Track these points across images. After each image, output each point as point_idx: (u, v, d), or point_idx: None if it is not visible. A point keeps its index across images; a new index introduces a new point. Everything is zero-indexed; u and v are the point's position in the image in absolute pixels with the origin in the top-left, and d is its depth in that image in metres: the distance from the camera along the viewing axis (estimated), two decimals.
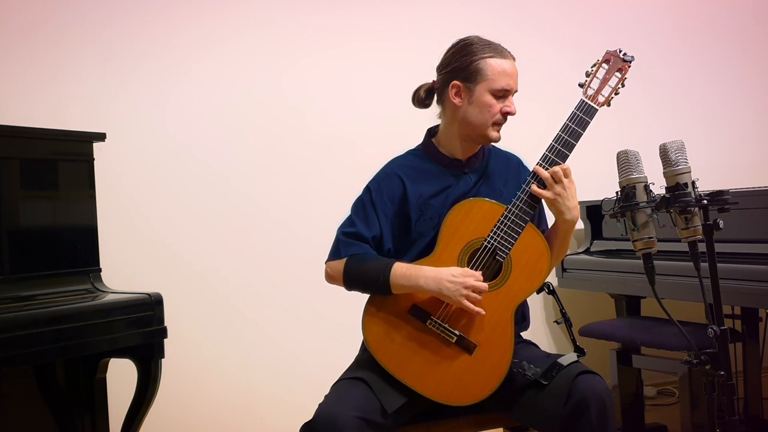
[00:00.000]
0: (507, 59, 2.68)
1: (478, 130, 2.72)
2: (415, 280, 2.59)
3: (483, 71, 2.66)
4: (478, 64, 2.66)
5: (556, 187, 2.60)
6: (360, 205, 2.78)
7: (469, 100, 2.70)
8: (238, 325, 4.23)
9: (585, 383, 2.49)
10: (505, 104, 2.69)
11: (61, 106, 3.85)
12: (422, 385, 2.61)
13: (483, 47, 2.68)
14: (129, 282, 3.35)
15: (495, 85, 2.66)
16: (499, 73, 2.66)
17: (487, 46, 2.69)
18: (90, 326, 2.94)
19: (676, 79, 5.32)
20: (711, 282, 2.26)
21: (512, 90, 2.70)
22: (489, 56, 2.66)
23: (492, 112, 2.68)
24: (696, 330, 2.57)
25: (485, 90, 2.67)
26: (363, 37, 4.53)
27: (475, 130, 2.73)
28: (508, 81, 2.67)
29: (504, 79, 2.66)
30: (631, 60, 2.71)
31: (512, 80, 2.68)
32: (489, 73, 2.66)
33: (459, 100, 2.71)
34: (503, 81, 2.66)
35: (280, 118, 4.34)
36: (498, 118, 2.70)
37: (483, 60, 2.66)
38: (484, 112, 2.69)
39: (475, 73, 2.67)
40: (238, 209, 4.25)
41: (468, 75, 2.68)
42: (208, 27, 4.22)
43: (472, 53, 2.68)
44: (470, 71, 2.68)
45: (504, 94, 2.68)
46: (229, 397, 4.21)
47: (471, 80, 2.68)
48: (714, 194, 2.26)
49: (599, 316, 4.31)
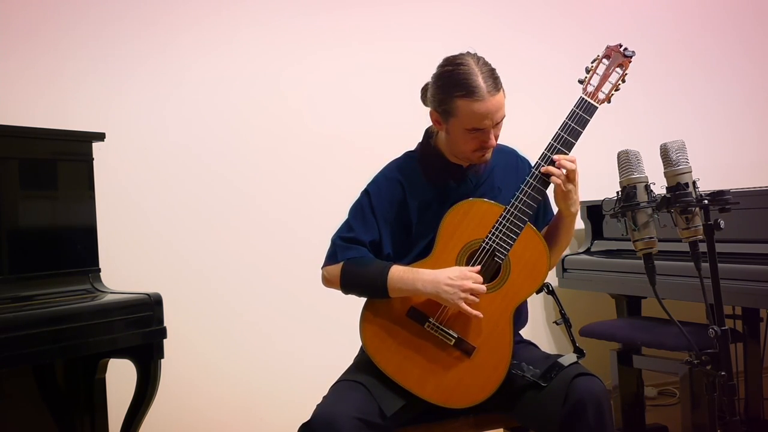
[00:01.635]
0: (479, 101, 2.52)
1: (461, 155, 2.71)
2: (412, 283, 2.58)
3: (454, 111, 2.57)
4: (449, 103, 2.57)
5: (569, 185, 2.58)
6: (359, 209, 2.76)
7: (446, 130, 2.66)
8: (237, 326, 4.24)
9: (582, 385, 2.49)
10: (482, 138, 2.60)
11: (60, 106, 3.85)
12: (421, 388, 2.61)
13: (456, 84, 2.55)
14: (128, 282, 3.35)
15: (466, 125, 2.58)
16: (468, 114, 2.55)
17: (462, 83, 2.54)
18: (89, 326, 2.94)
19: (677, 78, 5.32)
20: (712, 282, 2.27)
21: (487, 128, 2.58)
22: (459, 96, 2.54)
23: (467, 146, 2.64)
24: (697, 330, 2.57)
25: (458, 127, 2.60)
26: (363, 38, 4.54)
27: (460, 154, 2.71)
28: (481, 121, 2.55)
29: (475, 120, 2.55)
30: (632, 55, 2.68)
31: (486, 119, 2.55)
32: (459, 114, 2.57)
33: (439, 126, 2.69)
34: (474, 122, 2.56)
35: (279, 118, 4.34)
36: (477, 150, 2.64)
37: (453, 100, 2.55)
38: (460, 145, 2.66)
39: (448, 111, 2.59)
40: (238, 209, 4.26)
41: (442, 109, 2.62)
42: (208, 28, 4.23)
43: (444, 89, 2.59)
44: (444, 107, 2.60)
45: (479, 130, 2.59)
46: (229, 397, 4.21)
47: (444, 114, 2.62)
48: (715, 194, 2.26)
49: (600, 317, 4.31)
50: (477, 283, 2.56)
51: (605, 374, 4.02)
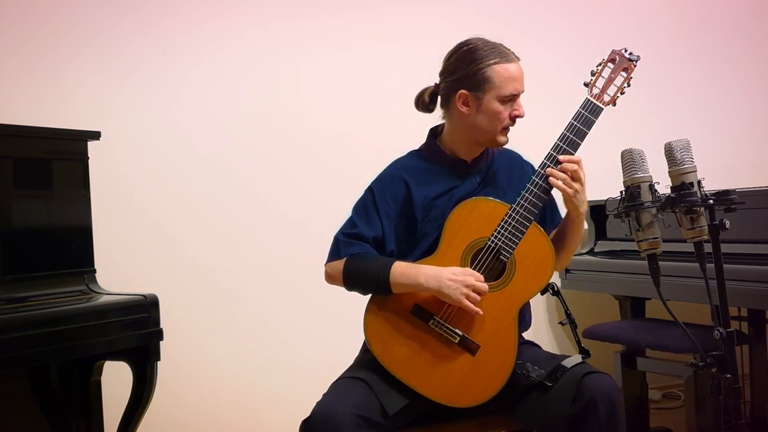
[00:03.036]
0: (512, 62, 2.66)
1: (488, 136, 2.73)
2: (415, 278, 2.59)
3: (490, 79, 2.64)
4: (484, 72, 2.64)
5: (575, 184, 2.60)
6: (362, 206, 2.78)
7: (478, 109, 2.69)
8: (237, 324, 4.25)
9: (593, 382, 2.49)
10: (513, 108, 2.68)
11: (56, 105, 3.85)
12: (424, 386, 2.61)
13: (488, 53, 2.66)
14: (124, 283, 3.35)
15: (503, 92, 2.65)
16: (506, 79, 2.64)
17: (492, 50, 2.66)
18: (85, 328, 2.94)
19: (681, 78, 5.32)
20: (717, 283, 2.26)
21: (520, 93, 2.69)
22: (495, 62, 2.64)
23: (501, 118, 2.69)
24: (702, 332, 2.56)
25: (493, 98, 2.66)
26: (369, 36, 4.56)
27: (485, 135, 2.73)
28: (516, 85, 2.66)
29: (512, 84, 2.65)
30: (637, 59, 2.70)
31: (519, 83, 2.67)
32: (496, 81, 2.64)
33: (467, 108, 2.71)
34: (511, 86, 2.65)
35: (277, 115, 4.36)
36: (507, 123, 2.70)
37: (489, 67, 2.64)
38: (493, 120, 2.69)
39: (483, 81, 2.65)
40: (236, 206, 4.27)
41: (475, 84, 2.67)
42: (208, 27, 4.24)
43: (477, 60, 2.66)
44: (477, 80, 2.66)
45: (512, 98, 2.67)
46: (229, 396, 4.23)
47: (478, 89, 2.67)
48: (720, 194, 2.25)
49: (603, 318, 4.31)
50: (480, 281, 2.57)
51: None
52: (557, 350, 4.83)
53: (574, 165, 2.61)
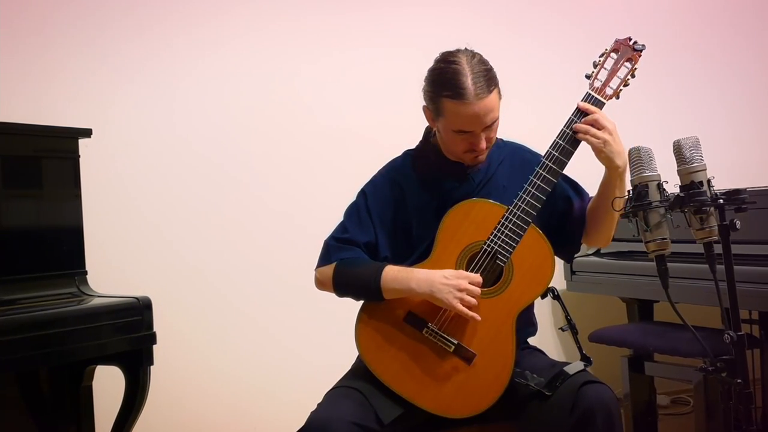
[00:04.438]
0: (467, 103, 2.50)
1: (453, 156, 2.71)
2: (406, 283, 2.57)
3: (442, 111, 2.57)
4: (437, 102, 2.57)
5: (600, 133, 2.54)
6: (354, 210, 2.76)
7: (437, 128, 2.67)
8: (232, 327, 4.25)
9: (591, 393, 2.47)
10: (470, 140, 2.60)
11: (48, 103, 3.86)
12: (419, 397, 2.59)
13: (443, 84, 2.54)
14: (116, 285, 3.36)
15: (453, 126, 2.58)
16: (455, 115, 2.55)
17: (449, 83, 2.52)
18: (76, 332, 2.95)
19: (688, 75, 5.33)
20: (727, 285, 2.24)
21: (475, 131, 2.57)
22: (446, 96, 2.53)
23: (457, 147, 2.64)
24: (712, 335, 2.56)
25: (446, 127, 2.61)
26: (365, 35, 4.58)
27: (451, 154, 2.71)
28: (468, 124, 2.55)
29: (461, 122, 2.55)
30: (642, 49, 2.66)
31: (473, 122, 2.54)
32: (447, 114, 2.57)
33: (431, 123, 2.70)
34: (461, 124, 2.56)
35: (274, 114, 4.36)
36: (467, 151, 2.64)
37: (440, 99, 2.56)
38: (450, 145, 2.66)
39: (438, 108, 2.59)
40: (232, 206, 4.27)
41: (432, 107, 2.63)
42: (204, 26, 4.26)
43: (433, 87, 2.59)
44: (433, 105, 2.61)
45: (467, 133, 2.58)
46: (224, 401, 4.22)
47: (434, 112, 2.63)
48: (731, 193, 2.23)
49: (610, 321, 4.31)
50: (474, 284, 2.54)
51: (616, 382, 4.02)
52: (563, 355, 4.83)
53: (595, 115, 2.56)
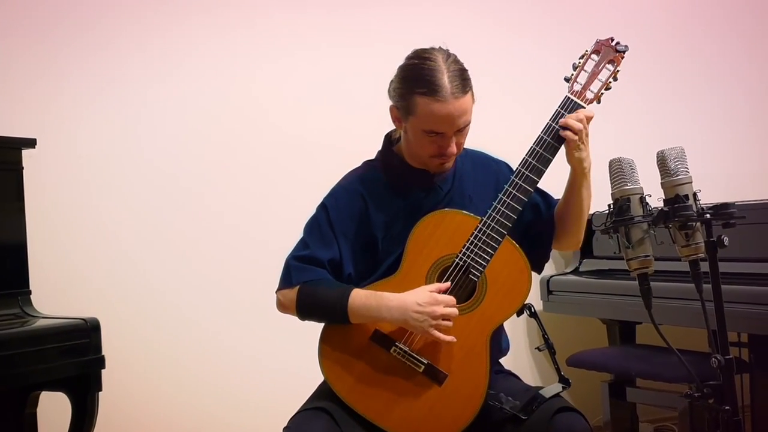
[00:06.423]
0: (440, 101, 2.49)
1: (419, 160, 2.68)
2: (377, 310, 2.55)
3: (412, 108, 2.54)
4: (409, 99, 2.55)
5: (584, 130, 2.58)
6: (315, 225, 2.72)
7: (405, 129, 2.64)
8: (187, 351, 4.21)
9: (563, 423, 2.46)
10: (440, 143, 2.58)
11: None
12: (387, 420, 2.57)
13: (418, 80, 2.53)
14: (62, 306, 3.33)
15: (424, 126, 2.55)
16: (427, 114, 2.52)
17: (425, 79, 2.52)
18: (18, 355, 2.97)
19: (673, 80, 5.35)
20: (715, 306, 2.24)
21: (446, 133, 2.55)
22: (420, 93, 2.51)
23: (424, 150, 2.62)
24: (698, 360, 2.56)
25: (417, 127, 2.58)
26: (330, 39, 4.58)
27: (416, 159, 2.69)
28: (440, 125, 2.53)
29: (433, 122, 2.53)
30: (625, 50, 2.66)
31: (446, 123, 2.53)
32: (419, 113, 2.53)
33: (398, 124, 2.67)
34: (433, 124, 2.53)
35: (231, 121, 4.36)
36: (435, 156, 2.62)
37: (413, 96, 2.53)
38: (417, 148, 2.64)
39: (408, 106, 2.56)
40: (187, 220, 4.26)
41: (401, 105, 2.59)
42: (152, 33, 4.24)
43: (406, 83, 2.57)
44: (404, 102, 2.57)
45: (437, 134, 2.56)
46: (178, 429, 4.19)
47: (404, 111, 2.59)
48: (718, 207, 2.23)
49: (589, 344, 4.32)
50: (449, 306, 2.52)
51: (595, 409, 4.02)
52: (539, 379, 4.83)
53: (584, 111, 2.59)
